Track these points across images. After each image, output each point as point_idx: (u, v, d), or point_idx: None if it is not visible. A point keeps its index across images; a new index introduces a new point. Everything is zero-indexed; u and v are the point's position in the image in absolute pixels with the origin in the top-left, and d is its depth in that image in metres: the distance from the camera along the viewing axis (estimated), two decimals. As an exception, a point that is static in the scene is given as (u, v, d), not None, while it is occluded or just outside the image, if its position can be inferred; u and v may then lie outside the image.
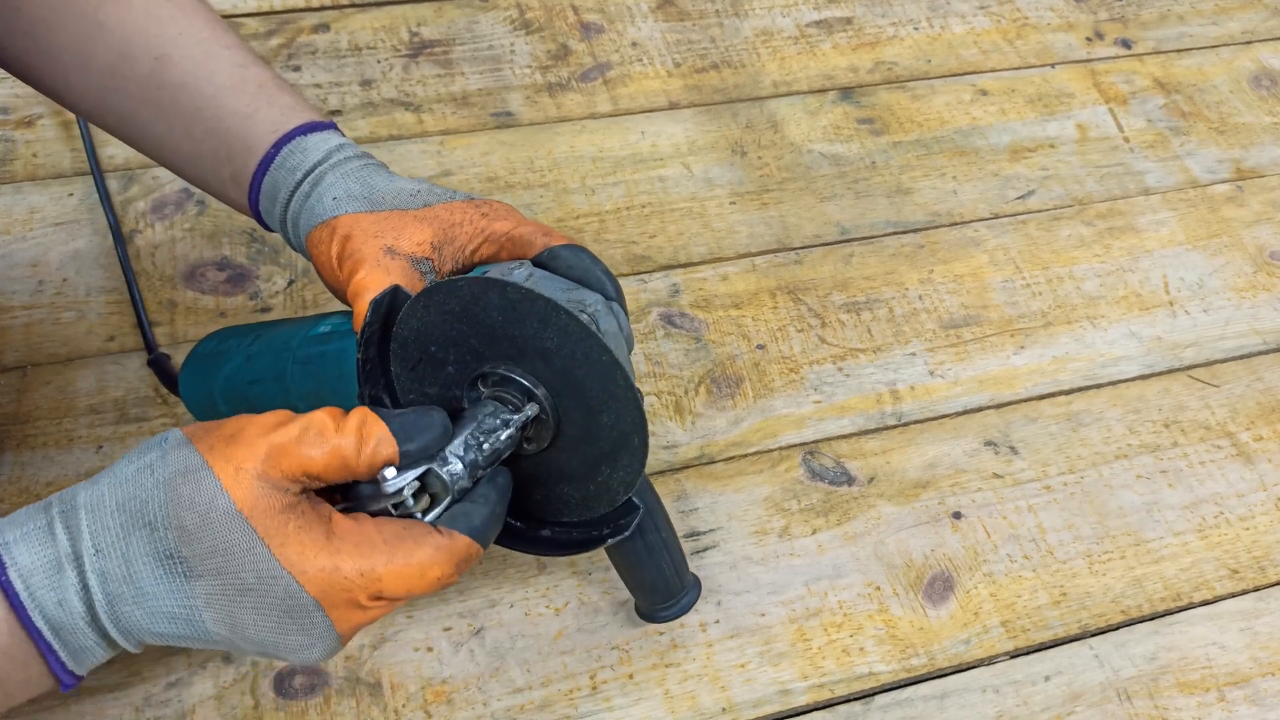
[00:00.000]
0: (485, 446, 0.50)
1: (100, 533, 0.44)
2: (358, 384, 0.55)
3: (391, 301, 0.54)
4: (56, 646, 0.44)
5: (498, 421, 0.51)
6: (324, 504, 0.47)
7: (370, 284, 0.54)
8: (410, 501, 0.48)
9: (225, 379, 0.63)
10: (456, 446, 0.49)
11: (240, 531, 0.44)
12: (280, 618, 0.45)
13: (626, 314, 0.56)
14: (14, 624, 0.44)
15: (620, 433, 0.51)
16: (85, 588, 0.44)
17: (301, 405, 0.60)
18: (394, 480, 0.47)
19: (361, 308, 0.54)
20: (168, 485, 0.44)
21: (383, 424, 0.47)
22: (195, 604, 0.44)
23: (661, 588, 0.61)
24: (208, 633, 0.45)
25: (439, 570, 0.47)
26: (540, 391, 0.52)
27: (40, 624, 0.44)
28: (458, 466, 0.49)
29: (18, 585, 0.43)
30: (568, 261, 0.55)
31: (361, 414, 0.47)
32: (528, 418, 0.51)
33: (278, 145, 0.59)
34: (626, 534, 0.55)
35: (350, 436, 0.46)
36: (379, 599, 0.46)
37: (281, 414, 0.47)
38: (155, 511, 0.44)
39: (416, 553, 0.46)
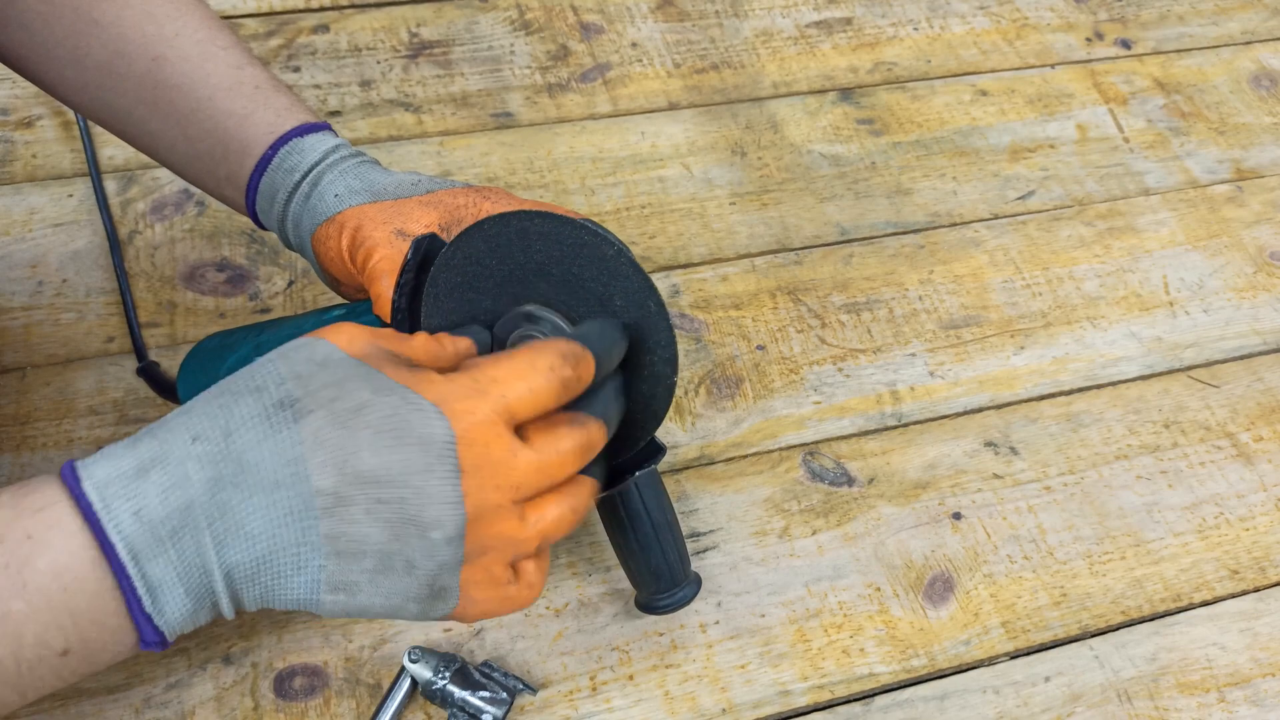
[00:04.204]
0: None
1: (199, 420, 0.41)
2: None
3: (429, 248, 0.55)
4: (133, 574, 0.39)
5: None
6: None
7: (387, 265, 0.55)
8: None
9: (230, 368, 0.63)
10: None
11: (356, 366, 0.43)
12: (396, 429, 0.42)
13: None
14: (93, 549, 0.39)
15: (652, 367, 0.54)
16: (177, 484, 0.40)
17: None
18: None
19: (379, 290, 0.56)
20: (280, 353, 0.43)
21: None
22: (301, 452, 0.41)
23: (665, 573, 0.61)
24: (310, 497, 0.41)
25: (546, 359, 0.46)
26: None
27: (116, 540, 0.39)
28: None
29: (93, 498, 0.39)
30: None
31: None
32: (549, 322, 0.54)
33: (274, 147, 0.59)
34: (654, 464, 0.58)
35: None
36: (509, 412, 0.44)
37: None
38: (265, 376, 0.42)
39: (520, 351, 0.46)
